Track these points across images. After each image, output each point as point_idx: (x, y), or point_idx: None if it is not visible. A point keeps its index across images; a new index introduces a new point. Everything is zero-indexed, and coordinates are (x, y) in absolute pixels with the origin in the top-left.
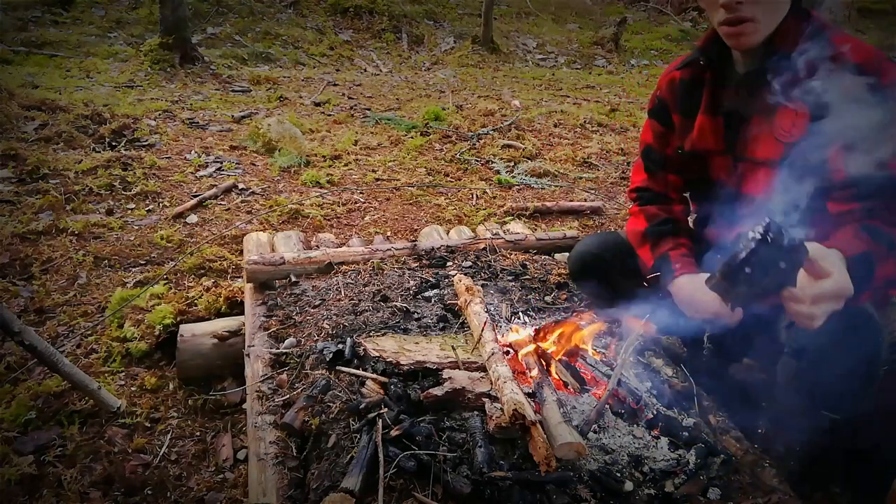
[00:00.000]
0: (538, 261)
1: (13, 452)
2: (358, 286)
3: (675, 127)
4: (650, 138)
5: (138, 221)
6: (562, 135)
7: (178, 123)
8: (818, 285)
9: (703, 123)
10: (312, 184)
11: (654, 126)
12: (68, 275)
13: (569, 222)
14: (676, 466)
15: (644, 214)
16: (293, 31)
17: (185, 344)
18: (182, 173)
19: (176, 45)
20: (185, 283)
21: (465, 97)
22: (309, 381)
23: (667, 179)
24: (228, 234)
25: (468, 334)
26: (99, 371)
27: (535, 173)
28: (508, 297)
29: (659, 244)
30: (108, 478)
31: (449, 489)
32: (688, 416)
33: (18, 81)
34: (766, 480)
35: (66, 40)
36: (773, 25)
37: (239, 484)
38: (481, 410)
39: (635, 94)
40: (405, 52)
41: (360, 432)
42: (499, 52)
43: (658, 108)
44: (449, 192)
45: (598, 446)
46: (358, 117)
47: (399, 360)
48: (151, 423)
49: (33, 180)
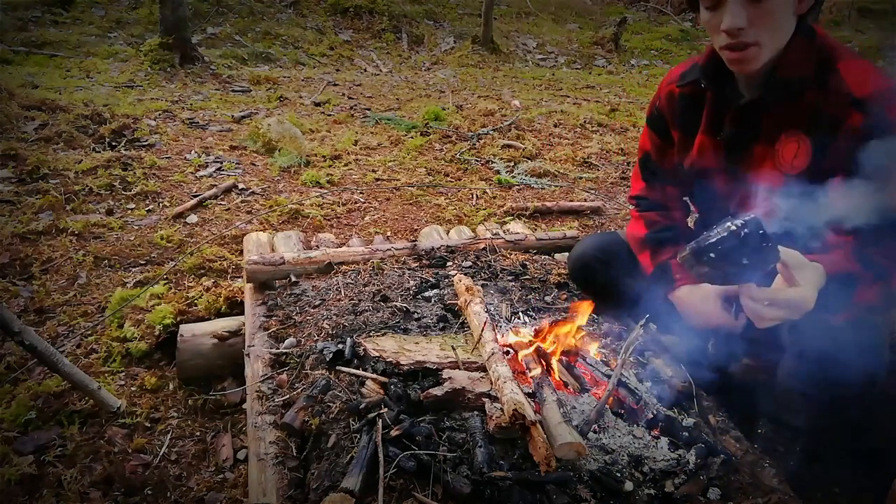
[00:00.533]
0: (538, 261)
1: (13, 452)
2: (358, 286)
3: (675, 142)
4: (649, 147)
5: (138, 221)
6: (562, 135)
7: (178, 123)
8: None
9: (703, 143)
10: (312, 184)
11: (652, 138)
12: (68, 275)
13: (569, 222)
14: (676, 466)
15: (644, 220)
16: (293, 31)
17: (185, 344)
18: (182, 173)
19: (176, 45)
20: (185, 283)
21: (465, 97)
22: (309, 381)
23: (665, 191)
24: (228, 234)
25: (468, 334)
26: (99, 371)
27: (535, 173)
28: (508, 297)
29: (659, 252)
30: (108, 478)
31: (449, 489)
32: (688, 416)
33: (18, 81)
34: (766, 480)
35: (66, 40)
36: (778, 47)
37: (239, 484)
38: (481, 410)
39: (635, 94)
40: (405, 52)
41: (360, 432)
42: (499, 52)
43: (656, 119)
44: (449, 192)
45: (598, 446)
46: (358, 117)
47: (399, 360)
48: (151, 423)
49: (33, 180)
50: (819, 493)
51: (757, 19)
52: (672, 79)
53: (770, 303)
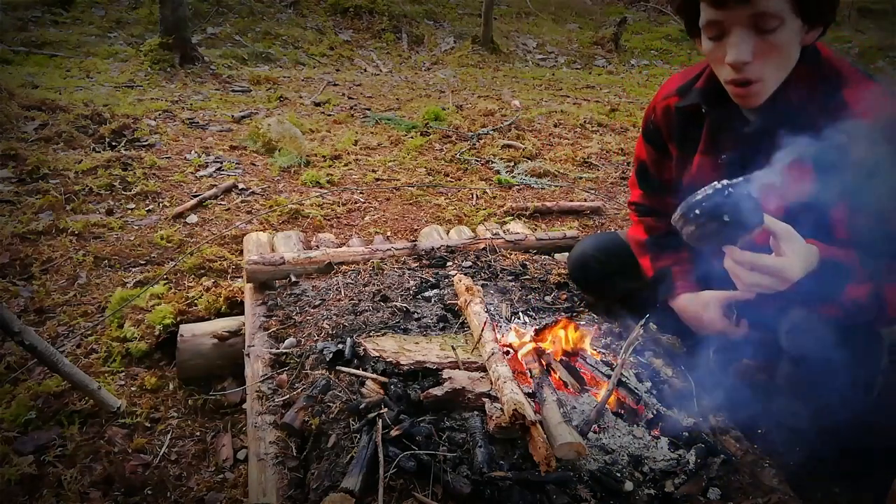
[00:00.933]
0: (538, 261)
1: (13, 452)
2: (358, 286)
3: (672, 157)
4: (645, 158)
5: (138, 221)
6: (562, 135)
7: (178, 123)
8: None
9: (702, 163)
10: (312, 184)
11: (648, 150)
12: (68, 275)
13: (569, 222)
14: (676, 466)
15: (643, 225)
16: (293, 31)
17: (185, 344)
18: (182, 173)
19: (176, 45)
20: (185, 283)
21: (465, 97)
22: (309, 381)
23: (664, 201)
24: (228, 234)
25: (468, 334)
26: (99, 371)
27: (535, 173)
28: (508, 297)
29: (659, 257)
30: (108, 478)
31: (449, 489)
32: (688, 416)
33: (18, 81)
34: (766, 480)
35: (66, 40)
36: (782, 79)
37: (239, 484)
38: (481, 410)
39: (635, 94)
40: (405, 52)
41: (360, 432)
42: (499, 52)
43: (651, 133)
44: (449, 192)
45: (598, 446)
46: (358, 117)
47: (399, 360)
48: (151, 423)
49: (33, 180)
50: (819, 493)
51: (763, 53)
52: (668, 93)
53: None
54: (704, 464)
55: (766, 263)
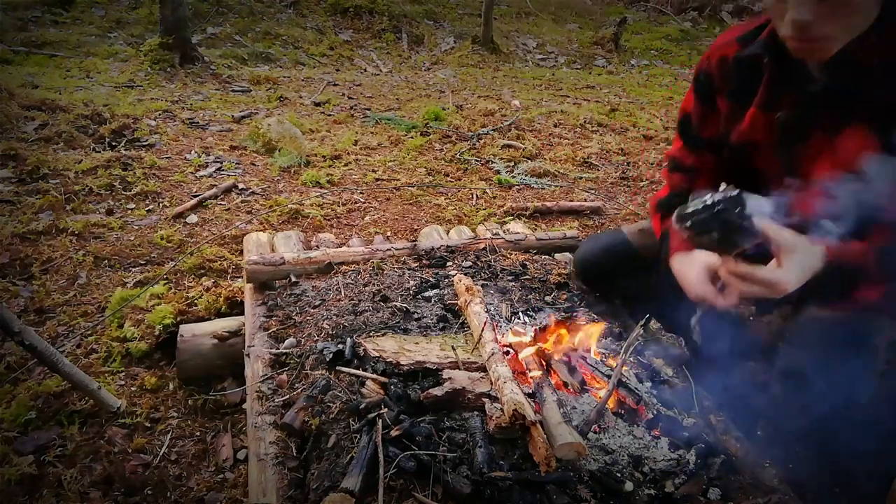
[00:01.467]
0: (538, 261)
1: (13, 452)
2: (358, 286)
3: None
4: (690, 110)
5: (138, 221)
6: (562, 135)
7: (178, 123)
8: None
9: (756, 118)
10: (312, 184)
11: (695, 103)
12: (68, 275)
13: (569, 222)
14: (676, 466)
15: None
16: (293, 31)
17: (185, 344)
18: (182, 173)
19: (176, 45)
20: (185, 283)
21: (465, 97)
22: (309, 381)
23: (703, 158)
24: (228, 234)
25: (468, 334)
26: (99, 371)
27: (535, 173)
28: (508, 297)
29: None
30: (108, 478)
31: (449, 489)
32: (688, 416)
33: (18, 81)
34: (766, 480)
35: (66, 40)
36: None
37: (239, 484)
38: (481, 410)
39: (635, 94)
40: (405, 52)
41: (360, 432)
42: (499, 52)
43: (702, 84)
44: (449, 192)
45: (598, 446)
46: (358, 117)
47: (399, 361)
48: (151, 423)
49: (33, 180)
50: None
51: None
52: (727, 41)
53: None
54: (704, 464)
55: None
